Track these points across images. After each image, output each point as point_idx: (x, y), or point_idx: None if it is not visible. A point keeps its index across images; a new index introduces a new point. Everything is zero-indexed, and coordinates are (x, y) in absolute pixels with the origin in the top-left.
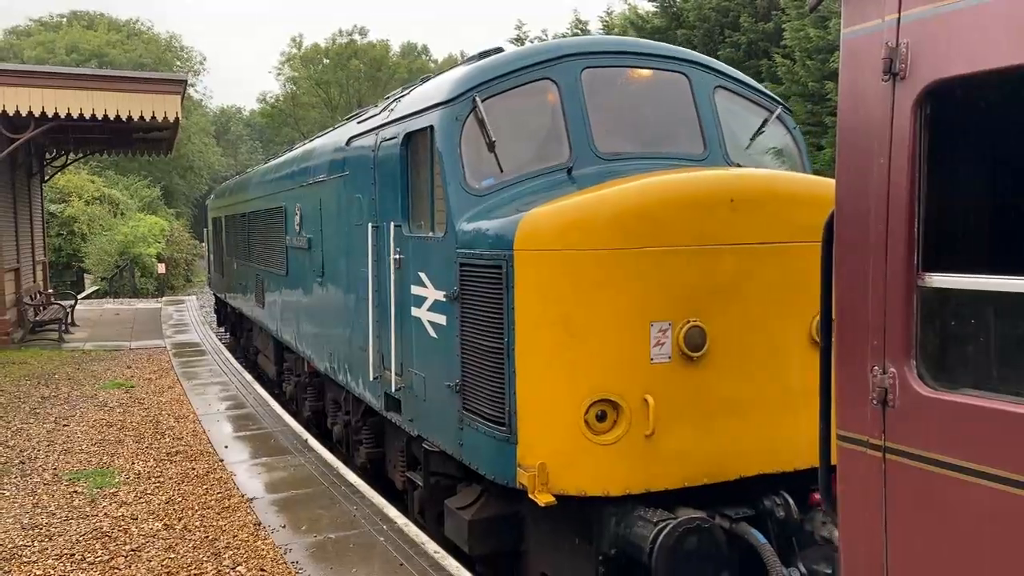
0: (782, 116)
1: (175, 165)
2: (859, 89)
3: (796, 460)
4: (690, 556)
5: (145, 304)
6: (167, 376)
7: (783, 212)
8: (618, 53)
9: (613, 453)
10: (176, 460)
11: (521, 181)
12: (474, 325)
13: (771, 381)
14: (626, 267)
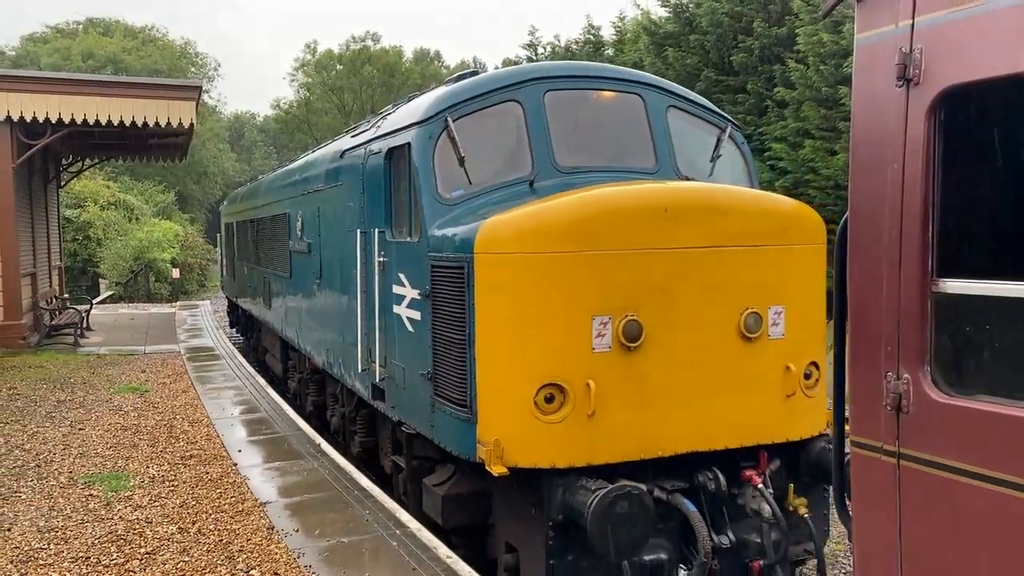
0: (732, 133)
1: (189, 171)
2: (873, 94)
3: (725, 439)
4: (620, 519)
5: (159, 309)
6: (181, 380)
7: (711, 220)
8: (578, 77)
9: (559, 431)
10: (190, 464)
11: (487, 192)
12: (442, 320)
13: (702, 369)
14: (571, 268)
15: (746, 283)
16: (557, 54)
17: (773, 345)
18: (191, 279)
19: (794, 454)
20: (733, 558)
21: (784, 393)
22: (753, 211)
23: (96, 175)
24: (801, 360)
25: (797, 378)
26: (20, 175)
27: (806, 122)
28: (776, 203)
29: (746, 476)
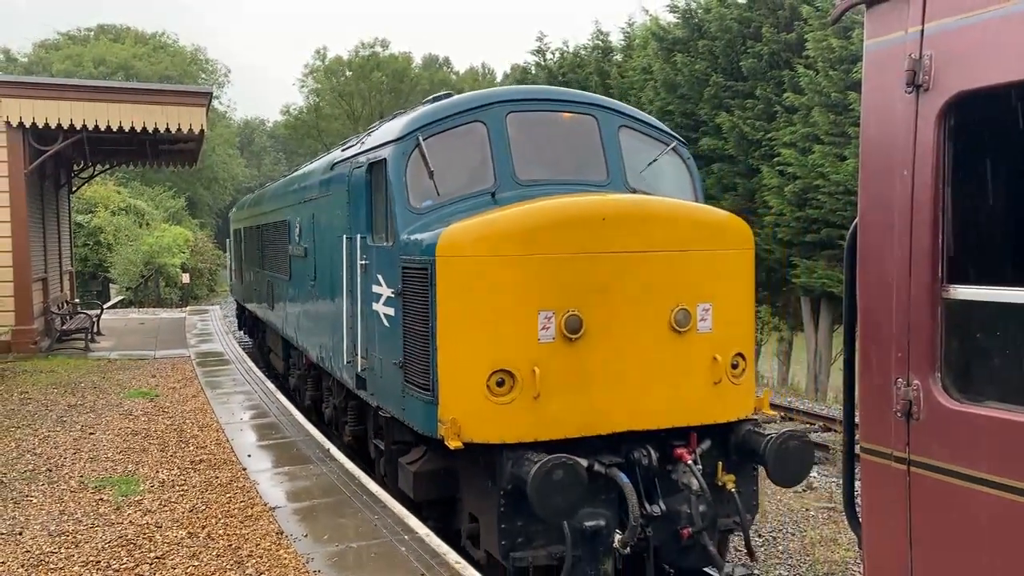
0: (677, 148)
1: (200, 176)
2: (882, 100)
3: (658, 421)
4: (556, 485)
5: (169, 313)
6: (191, 385)
7: (644, 228)
8: (538, 100)
9: (509, 411)
10: (200, 468)
11: (454, 202)
12: (410, 314)
13: (637, 358)
14: (520, 269)
15: (676, 283)
16: (566, 59)
17: (701, 338)
18: (201, 284)
19: (724, 435)
20: (666, 526)
21: (712, 380)
22: (682, 220)
23: (107, 181)
24: (727, 351)
25: (724, 367)
26: (32, 180)
27: (815, 127)
28: (704, 213)
29: (677, 454)
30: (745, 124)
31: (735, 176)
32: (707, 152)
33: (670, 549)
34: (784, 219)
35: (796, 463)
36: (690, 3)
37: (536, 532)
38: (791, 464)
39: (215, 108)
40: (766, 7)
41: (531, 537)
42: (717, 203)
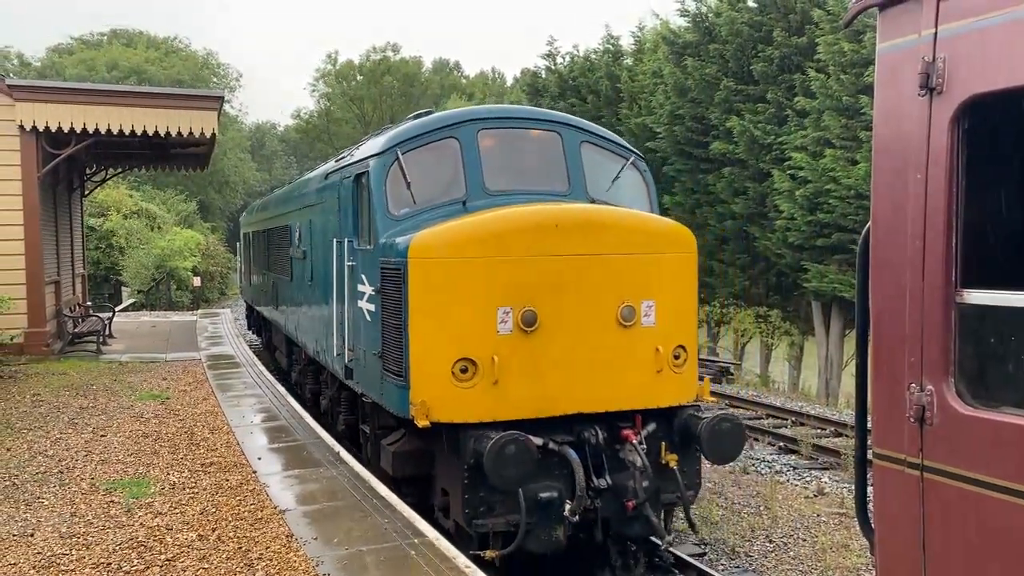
0: (635, 162)
1: (211, 180)
2: (895, 104)
3: (605, 404)
4: (509, 458)
5: (180, 316)
6: (202, 388)
7: (593, 234)
8: (507, 118)
9: (471, 395)
10: (210, 471)
11: (429, 210)
12: (388, 310)
13: (587, 349)
14: (480, 270)
15: (622, 283)
16: (576, 63)
17: (645, 331)
18: (212, 287)
19: (668, 419)
20: (613, 499)
21: (654, 369)
22: (628, 227)
23: (119, 184)
24: (669, 344)
25: (665, 358)
26: (45, 184)
27: (827, 132)
28: (648, 222)
29: (623, 434)
30: (756, 128)
31: (745, 180)
32: (718, 156)
33: (617, 520)
34: (795, 223)
35: (728, 443)
36: (701, 7)
37: (496, 502)
38: (723, 444)
39: (227, 112)
40: (777, 11)
41: (492, 506)
42: (727, 206)
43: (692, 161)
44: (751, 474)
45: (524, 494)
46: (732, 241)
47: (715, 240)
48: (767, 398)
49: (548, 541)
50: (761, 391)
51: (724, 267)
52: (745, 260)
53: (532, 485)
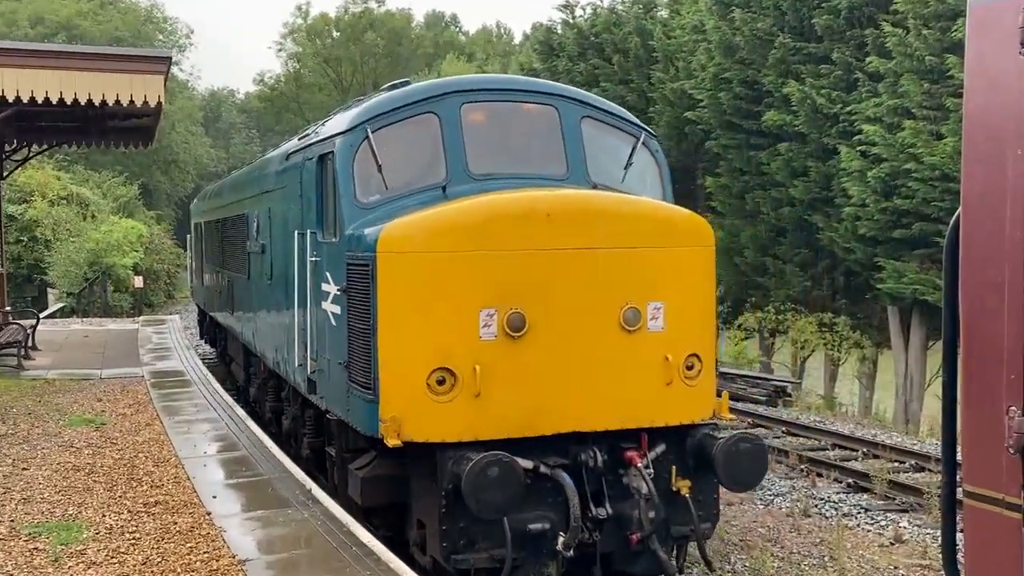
0: (646, 141)
1: (156, 158)
2: (990, 65)
3: (606, 422)
4: (491, 482)
5: (119, 324)
6: (144, 411)
7: (591, 225)
8: (495, 90)
9: (449, 409)
10: (155, 512)
11: (403, 197)
12: (354, 312)
13: (584, 357)
14: (460, 266)
15: (625, 281)
16: (599, 17)
17: (652, 337)
18: (157, 289)
19: (681, 440)
20: (616, 532)
21: (663, 381)
22: (631, 216)
23: (44, 164)
24: (680, 352)
25: (676, 368)
26: None
27: (905, 99)
28: (656, 209)
29: (627, 456)
30: (819, 95)
31: (806, 158)
32: (772, 129)
33: (620, 556)
34: (867, 211)
35: (747, 466)
36: None
37: (479, 534)
38: (742, 467)
39: (175, 76)
40: None
41: (474, 539)
42: (784, 191)
43: (741, 135)
44: (813, 517)
45: (510, 525)
46: (790, 233)
47: (769, 232)
48: (832, 424)
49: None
50: (825, 416)
51: (780, 264)
52: (806, 256)
53: (520, 515)
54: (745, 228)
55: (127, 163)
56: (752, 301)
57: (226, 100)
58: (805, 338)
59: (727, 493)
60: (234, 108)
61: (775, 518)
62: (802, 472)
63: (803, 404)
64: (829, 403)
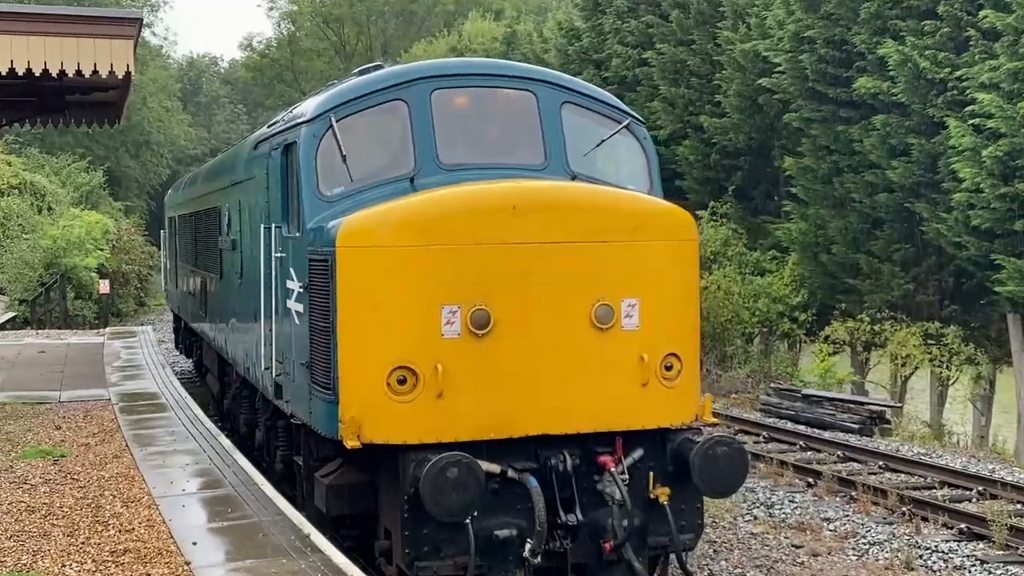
0: (631, 127)
1: (125, 140)
2: None
3: (578, 424)
4: (450, 484)
5: (81, 338)
6: (112, 440)
7: (560, 217)
8: (468, 75)
9: (410, 410)
10: (124, 562)
11: (369, 189)
12: (315, 310)
13: (554, 357)
14: (420, 261)
15: (598, 276)
16: None
17: (627, 336)
18: (126, 295)
19: (661, 444)
20: (589, 540)
21: (638, 382)
22: (604, 208)
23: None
24: (657, 351)
25: (652, 368)
26: None
27: None
28: (631, 201)
29: (601, 461)
30: (922, 57)
31: (907, 133)
32: (865, 98)
33: (594, 565)
34: (981, 198)
35: (725, 471)
36: None
37: (443, 541)
38: (718, 471)
39: (146, 42)
40: None
41: (438, 546)
42: (880, 173)
43: (827, 106)
44: (918, 570)
45: (475, 531)
46: (888, 224)
47: (862, 223)
48: (940, 457)
49: None
50: (932, 446)
51: (876, 263)
52: (907, 252)
53: (488, 521)
54: (833, 219)
55: (90, 145)
56: (842, 308)
57: (207, 69)
58: (907, 353)
59: (815, 541)
60: (217, 79)
61: (871, 571)
62: (904, 516)
63: (904, 433)
64: (937, 432)
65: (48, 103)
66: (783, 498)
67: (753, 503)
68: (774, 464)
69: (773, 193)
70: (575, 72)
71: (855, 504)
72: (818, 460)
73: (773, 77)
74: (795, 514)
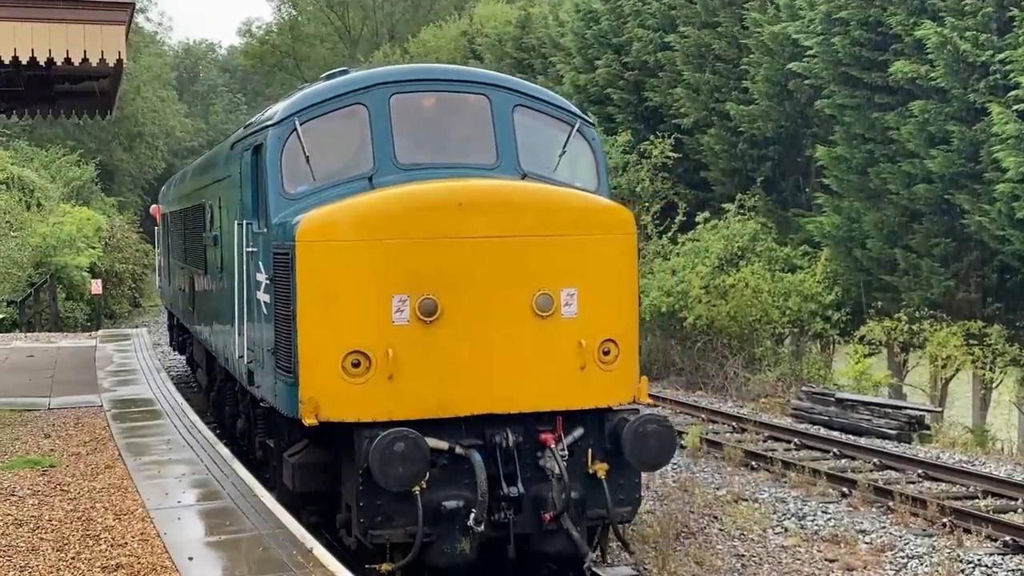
0: (581, 128)
1: (118, 131)
2: None
3: (520, 404)
4: (397, 456)
5: (72, 341)
6: (104, 450)
7: (503, 214)
8: (425, 80)
9: (364, 391)
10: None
11: (330, 187)
12: (279, 300)
13: (498, 342)
14: (372, 254)
15: (539, 268)
16: None
17: (566, 323)
18: (120, 295)
19: (600, 425)
20: (532, 513)
21: (577, 366)
22: (545, 206)
23: None
24: (595, 337)
25: (590, 353)
26: None
27: None
28: (571, 198)
29: (542, 439)
30: (962, 39)
31: (946, 120)
32: (902, 83)
33: (537, 535)
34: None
35: (653, 447)
36: None
37: (395, 511)
38: (648, 447)
39: (140, 28)
40: None
41: (390, 516)
42: (918, 163)
43: (862, 91)
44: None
45: (425, 502)
46: (926, 217)
47: (900, 216)
48: (984, 465)
49: (453, 554)
50: (974, 453)
51: (914, 259)
52: (948, 247)
53: (436, 493)
54: (868, 212)
55: (81, 138)
56: (878, 306)
57: (204, 56)
58: (947, 354)
59: (849, 555)
60: (215, 66)
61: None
62: (944, 528)
63: (945, 439)
64: (980, 438)
65: (36, 93)
66: (816, 509)
67: (784, 514)
68: (806, 473)
69: (804, 185)
70: (594, 57)
71: (892, 515)
72: (853, 468)
73: (804, 61)
74: (828, 526)
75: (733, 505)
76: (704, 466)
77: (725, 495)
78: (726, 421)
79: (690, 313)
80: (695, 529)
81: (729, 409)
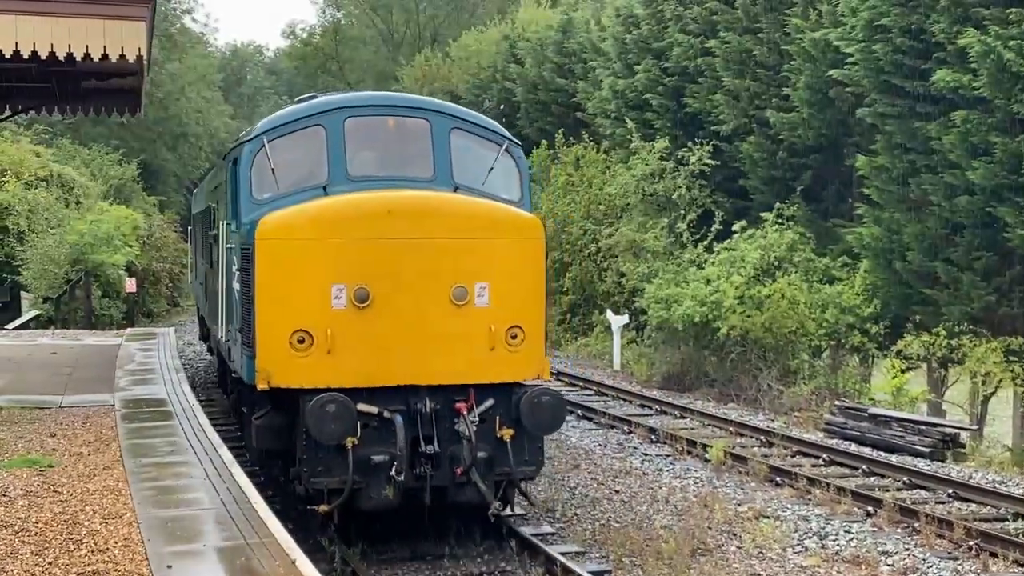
0: (508, 148)
1: (162, 131)
2: None
3: (438, 378)
4: (330, 415)
5: (98, 339)
6: (106, 450)
7: (424, 220)
8: (376, 106)
9: (307, 363)
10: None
11: (291, 195)
12: (244, 287)
13: (420, 325)
14: (316, 251)
15: (456, 265)
16: None
17: (479, 311)
18: (157, 295)
19: (508, 397)
20: (447, 469)
21: (488, 347)
22: (460, 213)
23: (20, 135)
24: (503, 323)
25: (499, 336)
26: None
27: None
28: (481, 208)
29: (457, 407)
30: (1007, 48)
31: (989, 131)
32: (945, 93)
33: (451, 488)
34: None
35: (547, 415)
36: None
37: (333, 463)
38: (541, 415)
39: (187, 29)
40: None
41: (329, 467)
42: (960, 174)
43: (904, 100)
44: None
45: (356, 457)
46: (968, 230)
47: (941, 228)
48: (1017, 486)
49: (379, 500)
50: (1010, 474)
51: (955, 272)
52: (990, 261)
53: (366, 450)
54: (908, 223)
55: (125, 136)
56: (917, 320)
57: (252, 58)
58: (987, 370)
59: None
60: (261, 69)
61: None
62: (970, 551)
63: (982, 458)
64: (1018, 458)
65: (64, 89)
66: (838, 528)
67: (805, 532)
68: (831, 490)
69: (845, 195)
70: (634, 62)
71: (918, 536)
72: (881, 487)
73: (845, 68)
74: (850, 546)
75: (754, 522)
76: (727, 480)
77: (746, 511)
78: (754, 435)
79: (724, 323)
80: (712, 546)
81: (759, 423)
